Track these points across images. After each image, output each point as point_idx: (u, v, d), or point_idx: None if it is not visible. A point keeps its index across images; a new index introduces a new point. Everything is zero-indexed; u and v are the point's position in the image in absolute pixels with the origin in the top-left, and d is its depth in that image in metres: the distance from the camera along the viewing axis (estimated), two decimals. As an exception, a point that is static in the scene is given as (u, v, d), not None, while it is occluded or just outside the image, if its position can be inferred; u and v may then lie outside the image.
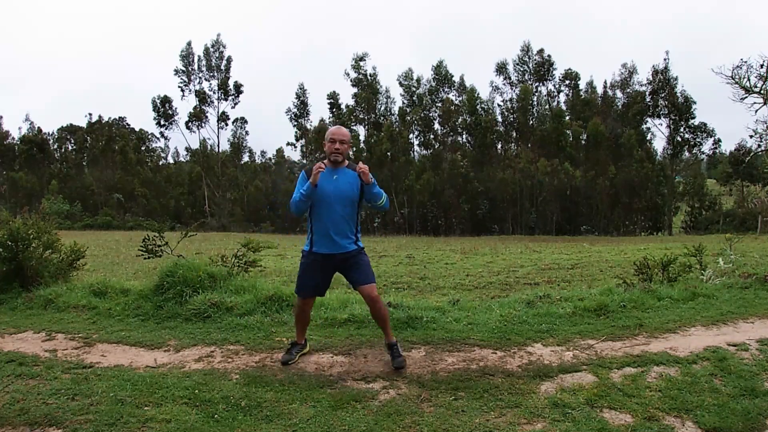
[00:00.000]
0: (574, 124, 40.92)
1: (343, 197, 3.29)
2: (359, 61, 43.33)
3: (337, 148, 3.30)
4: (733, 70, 11.48)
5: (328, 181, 3.30)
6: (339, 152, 3.30)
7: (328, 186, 3.28)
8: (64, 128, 49.36)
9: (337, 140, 3.31)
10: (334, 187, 3.29)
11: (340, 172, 3.32)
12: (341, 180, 3.31)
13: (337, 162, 3.32)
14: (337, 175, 3.31)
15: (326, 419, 2.62)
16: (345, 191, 3.29)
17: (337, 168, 3.33)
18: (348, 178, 3.31)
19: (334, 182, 3.30)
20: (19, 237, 5.32)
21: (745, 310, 4.50)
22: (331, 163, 3.34)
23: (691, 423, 2.54)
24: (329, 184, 3.29)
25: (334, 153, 3.30)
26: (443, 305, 4.66)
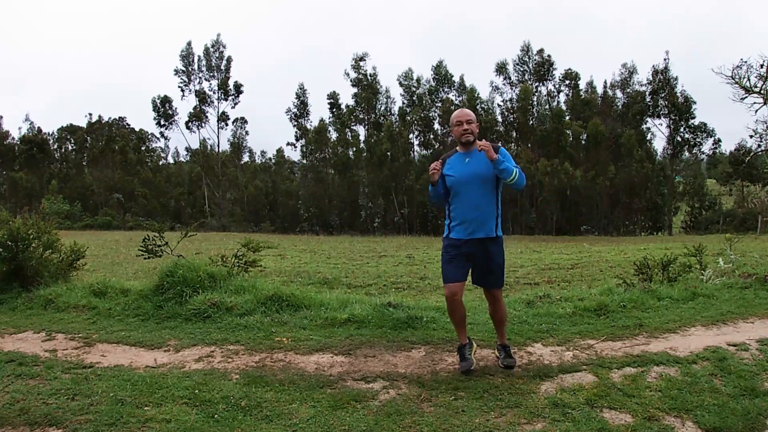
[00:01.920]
0: (574, 124, 40.90)
1: (477, 178, 3.21)
2: (359, 61, 43.33)
3: (465, 129, 3.25)
4: (733, 70, 11.50)
5: (461, 165, 3.27)
6: (468, 132, 3.25)
7: (462, 170, 3.25)
8: (64, 128, 49.38)
9: (463, 121, 3.26)
10: (469, 170, 3.23)
11: (471, 154, 3.26)
12: (474, 161, 3.24)
13: (468, 143, 3.27)
14: (470, 158, 3.26)
15: (326, 419, 2.62)
16: (480, 172, 3.21)
17: (470, 150, 3.27)
18: (481, 159, 3.21)
19: (467, 165, 3.25)
20: (19, 237, 5.32)
21: (745, 310, 4.50)
22: (462, 146, 3.31)
23: (691, 423, 2.54)
24: (463, 168, 3.25)
25: (464, 134, 3.26)
26: (443, 305, 4.65)
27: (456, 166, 3.28)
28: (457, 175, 3.25)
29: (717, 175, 45.97)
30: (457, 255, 3.28)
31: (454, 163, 3.30)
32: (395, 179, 41.47)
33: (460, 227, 3.27)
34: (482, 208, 3.23)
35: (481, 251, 3.26)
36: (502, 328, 3.46)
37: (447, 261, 3.31)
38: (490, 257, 3.28)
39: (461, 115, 3.31)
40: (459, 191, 3.26)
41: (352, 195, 43.31)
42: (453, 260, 3.28)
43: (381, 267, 11.76)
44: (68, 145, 50.37)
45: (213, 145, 47.37)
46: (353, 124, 44.70)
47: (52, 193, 42.11)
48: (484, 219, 3.23)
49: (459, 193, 3.26)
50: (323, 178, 44.73)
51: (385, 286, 8.41)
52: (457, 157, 3.32)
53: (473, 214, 3.22)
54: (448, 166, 3.32)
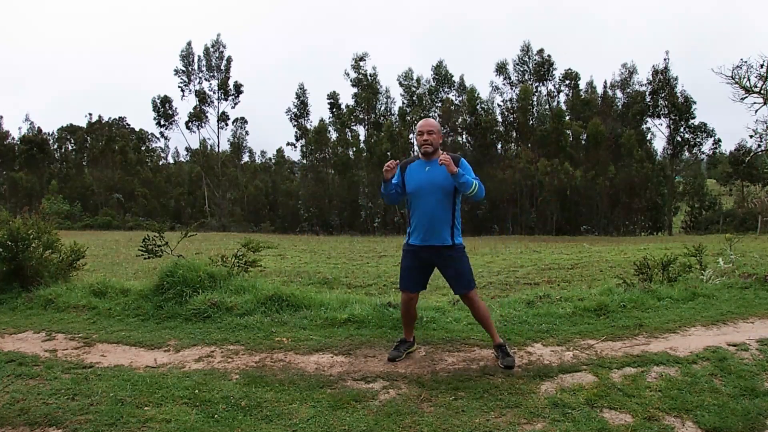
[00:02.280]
0: (574, 124, 40.91)
1: (436, 188, 3.28)
2: (359, 61, 43.34)
3: (425, 139, 3.33)
4: (733, 70, 11.50)
5: (421, 173, 3.33)
6: (428, 143, 3.32)
7: (421, 178, 3.31)
8: (64, 128, 49.38)
9: (425, 132, 3.34)
10: (428, 179, 3.30)
11: (433, 164, 3.32)
12: (434, 171, 3.30)
13: (428, 153, 3.34)
14: (430, 167, 3.33)
15: (326, 419, 2.62)
16: (438, 182, 3.27)
17: (430, 159, 3.34)
18: (440, 168, 3.27)
19: (427, 174, 3.31)
20: (19, 237, 5.32)
21: (745, 310, 4.50)
22: (423, 155, 3.37)
23: (691, 423, 2.54)
24: (422, 176, 3.32)
25: (423, 145, 3.33)
26: (443, 305, 4.66)
27: (416, 174, 3.35)
28: (417, 184, 3.33)
29: (717, 175, 45.97)
30: (414, 261, 3.40)
31: (414, 171, 3.37)
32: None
33: (416, 234, 3.36)
34: (438, 217, 3.29)
35: (438, 259, 3.36)
36: (489, 329, 3.48)
37: (404, 267, 3.46)
38: (447, 264, 3.36)
39: (424, 126, 3.39)
40: (417, 199, 3.33)
41: (352, 195, 43.31)
42: (410, 267, 3.42)
43: (381, 267, 11.76)
44: (68, 145, 50.39)
45: (213, 145, 47.45)
46: (353, 124, 44.72)
47: (52, 193, 42.10)
48: (440, 227, 3.30)
49: (417, 201, 3.33)
50: (323, 178, 44.74)
51: (385, 286, 8.41)
52: (417, 164, 3.39)
53: (429, 222, 3.30)
54: (409, 173, 3.38)
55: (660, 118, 40.91)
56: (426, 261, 3.40)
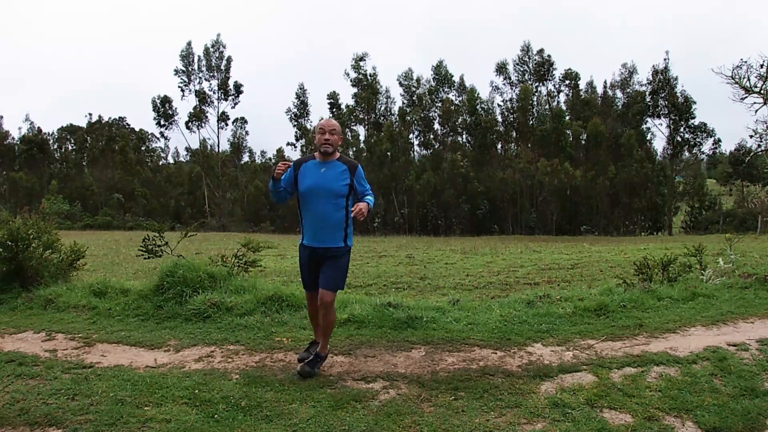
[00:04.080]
0: (574, 124, 40.92)
1: (329, 191, 3.22)
2: (359, 61, 43.34)
3: (327, 138, 3.25)
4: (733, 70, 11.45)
5: (315, 174, 3.26)
6: (329, 143, 3.26)
7: (314, 179, 3.25)
8: (64, 128, 49.40)
9: (326, 131, 3.27)
10: (321, 181, 3.24)
11: (329, 165, 3.27)
12: (329, 173, 3.25)
13: (327, 153, 3.28)
14: (326, 168, 3.27)
15: (326, 419, 2.62)
16: (331, 185, 3.23)
17: (327, 160, 3.28)
18: (336, 172, 3.25)
19: (322, 175, 3.25)
20: (19, 237, 5.32)
21: (745, 310, 4.50)
22: (321, 155, 3.31)
23: (691, 423, 2.55)
24: (316, 177, 3.25)
25: (324, 144, 3.26)
26: (443, 305, 4.66)
27: (310, 174, 3.27)
28: (309, 185, 3.25)
29: (717, 175, 45.99)
30: (308, 261, 3.38)
31: (308, 171, 3.28)
32: (395, 179, 41.47)
33: (308, 235, 3.31)
34: (331, 219, 3.25)
35: (324, 256, 3.29)
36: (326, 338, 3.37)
37: (302, 267, 3.45)
38: (329, 262, 3.28)
39: (325, 125, 3.31)
40: (309, 201, 3.26)
41: (352, 195, 43.25)
42: (307, 267, 3.41)
43: (381, 267, 11.76)
44: (68, 145, 50.39)
45: (213, 145, 47.44)
46: (353, 124, 44.70)
47: (52, 193, 42.11)
48: (332, 229, 3.26)
49: (309, 202, 3.27)
50: (323, 178, 44.70)
51: (385, 286, 8.41)
52: (313, 165, 3.31)
53: (320, 224, 3.25)
54: (302, 172, 3.30)
55: (660, 118, 40.94)
56: (318, 261, 3.33)
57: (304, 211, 3.31)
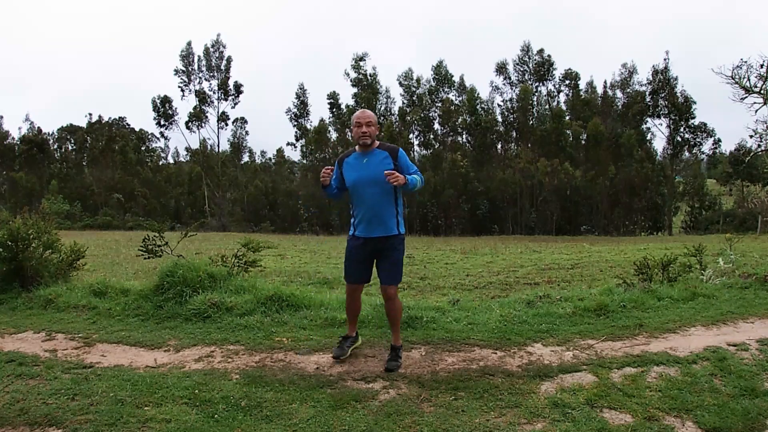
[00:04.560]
0: (574, 124, 40.91)
1: (375, 180, 3.27)
2: (359, 61, 43.33)
3: (364, 131, 3.29)
4: (733, 70, 11.49)
5: (359, 166, 3.32)
6: (366, 135, 3.29)
7: (359, 170, 3.31)
8: (64, 128, 49.35)
9: (363, 123, 3.30)
10: (366, 171, 3.29)
11: (370, 155, 3.33)
12: (371, 163, 3.30)
13: (366, 145, 3.32)
14: (368, 158, 3.32)
15: (326, 419, 2.62)
16: (376, 173, 3.27)
17: (368, 151, 3.33)
18: (378, 160, 3.30)
19: (365, 166, 3.30)
20: (19, 237, 5.32)
21: (745, 310, 4.51)
22: (360, 147, 3.35)
23: (691, 423, 2.55)
24: (360, 169, 3.31)
25: (362, 137, 3.30)
26: (443, 305, 4.66)
27: (354, 167, 3.34)
28: (356, 177, 3.32)
29: (717, 175, 45.95)
30: (359, 254, 3.40)
31: (352, 164, 3.36)
32: (395, 179, 41.39)
33: (361, 226, 3.36)
34: (382, 208, 3.30)
35: (380, 248, 3.35)
36: (397, 328, 3.49)
37: (350, 259, 3.46)
38: (388, 253, 3.36)
39: (361, 117, 3.34)
40: (358, 192, 3.32)
41: (352, 195, 43.26)
42: (356, 259, 3.42)
43: (381, 267, 11.73)
44: (68, 145, 50.35)
45: (213, 145, 47.41)
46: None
47: (52, 193, 42.10)
48: (384, 218, 3.31)
49: (359, 193, 3.33)
50: (323, 178, 44.69)
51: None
52: (355, 157, 3.37)
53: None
54: (347, 167, 3.37)
55: (660, 118, 40.92)
56: (371, 252, 3.39)
57: (355, 204, 3.37)
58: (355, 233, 3.41)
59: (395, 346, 3.45)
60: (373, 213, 3.30)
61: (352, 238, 3.43)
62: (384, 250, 3.36)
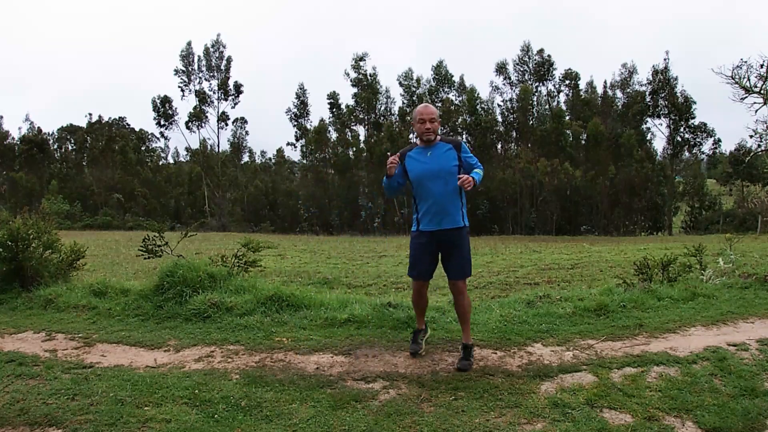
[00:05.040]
0: (574, 124, 40.90)
1: (440, 172, 3.29)
2: (359, 61, 43.28)
3: (428, 127, 3.32)
4: (733, 70, 11.48)
5: (423, 159, 3.34)
6: (430, 131, 3.32)
7: (424, 164, 3.32)
8: (64, 128, 49.34)
9: (426, 119, 3.33)
10: (430, 164, 3.31)
11: (433, 148, 3.35)
12: (435, 156, 3.32)
13: (429, 141, 3.35)
14: (432, 152, 3.34)
15: (326, 419, 2.62)
16: (441, 166, 3.29)
17: (431, 145, 3.36)
18: (442, 153, 3.32)
19: (429, 159, 3.32)
20: (19, 237, 5.32)
21: (745, 310, 4.50)
22: (423, 142, 3.37)
23: (691, 423, 2.54)
24: (425, 162, 3.32)
25: (425, 132, 3.32)
26: (443, 305, 4.66)
27: (419, 160, 3.36)
28: (421, 170, 3.33)
29: (717, 175, 45.95)
30: (426, 249, 3.40)
31: (416, 158, 3.37)
32: (395, 179, 41.39)
33: (427, 219, 3.36)
34: (447, 200, 3.31)
35: (447, 241, 3.36)
36: (467, 324, 3.50)
37: (416, 256, 3.45)
38: (454, 246, 3.37)
39: (424, 113, 3.35)
40: (423, 185, 3.33)
41: (352, 195, 43.27)
42: (422, 255, 3.42)
43: (381, 267, 11.76)
44: (68, 145, 50.34)
45: (213, 145, 47.40)
46: (353, 124, 44.66)
47: (52, 193, 42.10)
48: (450, 210, 3.32)
49: (424, 187, 3.33)
50: (323, 178, 44.70)
51: (385, 286, 8.41)
52: (418, 151, 3.39)
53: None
54: (410, 161, 3.38)
55: (660, 118, 40.90)
56: (437, 246, 3.40)
57: (420, 198, 3.37)
58: (419, 228, 3.41)
59: (467, 344, 3.40)
60: (440, 206, 3.31)
61: (418, 234, 3.42)
62: (451, 243, 3.37)
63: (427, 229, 3.36)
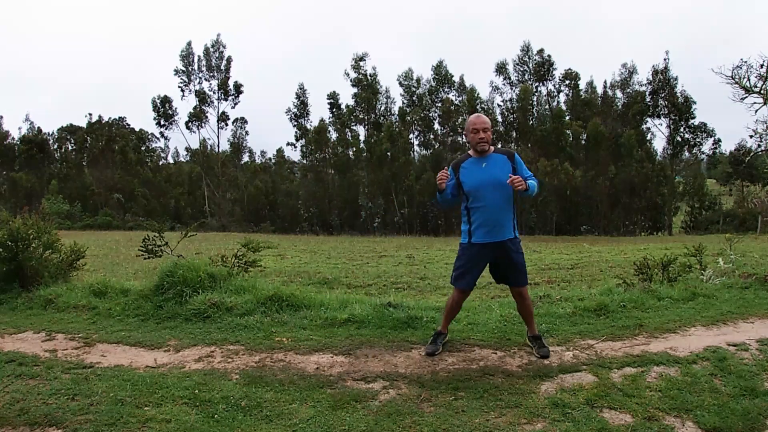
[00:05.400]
0: (574, 124, 40.89)
1: (496, 183, 3.28)
2: (359, 61, 43.29)
3: (481, 137, 3.31)
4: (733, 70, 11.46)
5: (478, 170, 3.32)
6: (484, 141, 3.31)
7: (480, 175, 3.30)
8: (64, 128, 49.35)
9: (480, 129, 3.31)
10: (487, 175, 3.29)
11: (488, 159, 3.33)
12: (491, 166, 3.31)
13: (483, 151, 3.33)
14: (486, 162, 3.32)
15: (326, 419, 2.62)
16: (497, 177, 3.28)
17: (485, 155, 3.34)
18: (498, 164, 3.31)
19: (485, 170, 3.30)
20: (19, 237, 5.32)
21: (745, 310, 4.50)
22: (477, 152, 3.36)
23: (691, 423, 2.54)
24: (481, 173, 3.31)
25: (479, 143, 3.31)
26: (443, 305, 4.65)
27: (473, 171, 3.33)
28: (476, 181, 3.31)
29: (717, 175, 46.00)
30: (478, 260, 3.39)
31: (470, 169, 3.35)
32: (395, 179, 41.44)
33: (481, 231, 3.34)
34: (502, 212, 3.32)
35: (501, 253, 3.37)
36: (532, 321, 3.60)
37: (466, 266, 3.42)
38: (510, 257, 3.39)
39: (477, 123, 3.33)
40: (479, 196, 3.30)
41: (352, 195, 43.29)
42: (473, 266, 3.41)
43: (381, 267, 11.76)
44: (68, 145, 50.33)
45: (213, 145, 47.43)
46: (353, 124, 44.67)
47: (52, 193, 42.12)
48: (504, 222, 3.33)
49: (479, 198, 3.30)
50: (323, 178, 44.72)
51: (385, 286, 8.41)
52: (472, 162, 3.37)
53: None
54: (465, 172, 3.36)
55: (660, 118, 40.90)
56: (488, 257, 3.39)
57: (474, 209, 3.34)
58: (471, 240, 3.38)
59: (537, 335, 3.56)
60: (495, 217, 3.30)
61: (470, 246, 3.39)
62: (507, 254, 3.37)
63: (481, 241, 3.34)
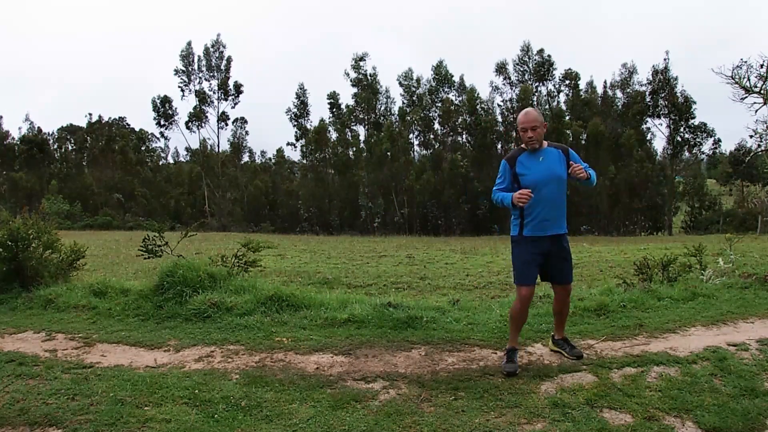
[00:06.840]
0: (574, 124, 40.88)
1: (554, 177, 3.28)
2: (359, 61, 43.28)
3: (530, 136, 3.28)
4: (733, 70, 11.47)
5: (536, 164, 3.30)
6: (533, 140, 3.29)
7: (539, 169, 3.29)
8: (64, 128, 49.35)
9: (528, 128, 3.28)
10: (545, 169, 3.28)
11: (543, 153, 3.32)
12: (548, 160, 3.30)
13: (534, 149, 3.33)
14: (543, 157, 3.31)
15: (326, 419, 2.62)
16: (555, 171, 3.28)
17: (539, 150, 3.33)
18: (555, 158, 3.31)
19: (543, 164, 3.29)
20: (19, 237, 5.32)
21: (745, 310, 4.50)
22: (530, 150, 3.35)
23: (691, 423, 2.54)
24: (539, 167, 3.29)
25: (530, 142, 3.30)
26: (443, 305, 4.66)
27: (531, 165, 3.32)
28: (535, 175, 3.29)
29: (717, 175, 45.96)
30: (533, 254, 3.34)
31: (527, 164, 3.34)
32: (395, 179, 41.43)
33: (537, 225, 3.31)
34: (558, 206, 3.33)
35: (555, 248, 3.35)
36: (564, 322, 3.58)
37: (524, 261, 3.36)
38: (562, 253, 3.38)
39: (525, 122, 3.29)
40: (538, 190, 3.27)
41: (352, 195, 43.28)
42: (530, 260, 3.34)
43: (381, 267, 11.75)
44: (68, 145, 50.32)
45: (213, 145, 47.38)
46: (353, 124, 44.66)
47: (52, 193, 42.10)
48: (559, 216, 3.35)
49: (537, 191, 3.27)
50: (323, 178, 44.71)
51: (385, 286, 8.41)
52: (527, 156, 3.35)
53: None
54: (521, 167, 3.34)
55: (660, 118, 40.88)
56: (544, 251, 3.34)
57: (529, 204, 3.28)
58: (522, 233, 3.35)
59: (566, 338, 3.55)
60: (550, 212, 3.30)
61: (523, 240, 3.35)
62: (556, 249, 3.35)
63: (534, 234, 3.31)
